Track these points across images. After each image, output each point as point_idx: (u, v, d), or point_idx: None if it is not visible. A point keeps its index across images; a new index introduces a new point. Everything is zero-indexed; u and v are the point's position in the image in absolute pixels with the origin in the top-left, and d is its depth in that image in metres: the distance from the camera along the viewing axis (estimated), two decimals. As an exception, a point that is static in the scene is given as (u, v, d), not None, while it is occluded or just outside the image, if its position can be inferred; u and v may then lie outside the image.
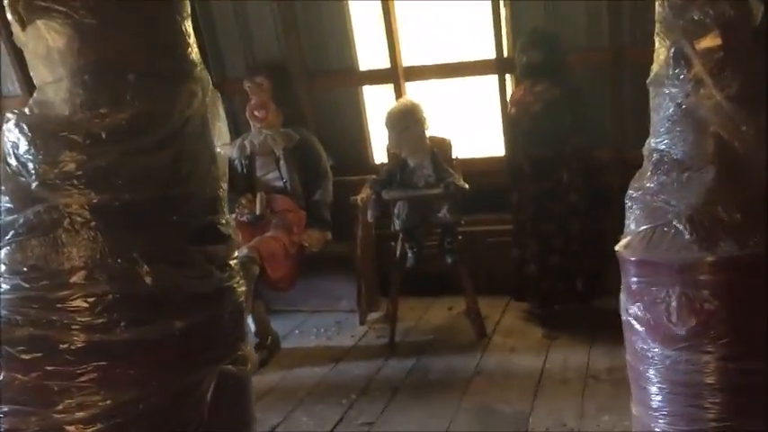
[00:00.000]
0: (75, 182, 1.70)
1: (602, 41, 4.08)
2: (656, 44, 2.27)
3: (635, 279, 2.19)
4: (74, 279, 1.68)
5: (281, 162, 4.28)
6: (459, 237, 3.93)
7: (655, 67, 2.26)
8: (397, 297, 3.94)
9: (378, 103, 4.63)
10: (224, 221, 1.96)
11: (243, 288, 2.02)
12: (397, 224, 3.80)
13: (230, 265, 1.93)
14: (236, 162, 4.32)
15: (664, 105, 2.20)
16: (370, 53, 4.57)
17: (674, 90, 2.17)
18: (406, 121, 3.80)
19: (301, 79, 4.52)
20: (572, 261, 3.90)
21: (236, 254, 1.99)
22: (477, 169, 4.42)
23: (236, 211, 4.11)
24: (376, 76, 4.54)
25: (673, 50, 2.17)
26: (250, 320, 3.83)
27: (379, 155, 4.53)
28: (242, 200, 4.13)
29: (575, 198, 3.84)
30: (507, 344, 3.74)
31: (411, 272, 3.91)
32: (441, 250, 3.85)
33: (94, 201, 1.70)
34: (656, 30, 2.26)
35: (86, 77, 1.74)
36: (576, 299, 3.94)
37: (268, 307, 4.45)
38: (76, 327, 1.67)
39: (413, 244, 3.81)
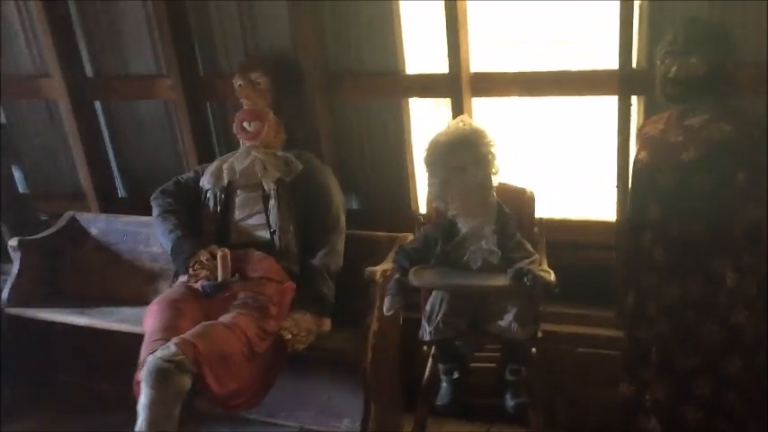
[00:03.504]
0: None
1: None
2: None
3: None
4: None
5: (272, 201, 2.82)
6: (532, 352, 2.36)
7: None
8: (421, 442, 2.39)
9: (429, 124, 3.12)
10: None
11: None
12: (426, 331, 2.25)
13: None
14: (209, 194, 2.90)
15: None
16: (422, 51, 3.07)
17: None
18: (461, 158, 2.27)
19: (317, 82, 3.05)
20: (725, 420, 2.26)
21: None
22: (571, 237, 2.89)
23: (190, 271, 2.67)
24: (429, 85, 3.01)
25: None
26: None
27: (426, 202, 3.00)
28: (201, 254, 2.69)
29: (742, 317, 2.20)
30: None
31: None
32: (499, 381, 2.27)
33: None
34: None
35: None
36: (728, 486, 2.29)
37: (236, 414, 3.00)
38: None
39: (451, 366, 2.25)
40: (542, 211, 2.70)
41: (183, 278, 2.72)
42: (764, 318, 2.24)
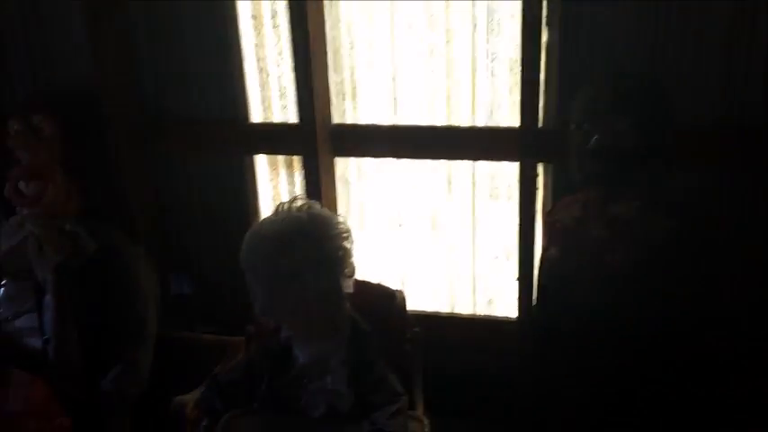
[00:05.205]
0: None
1: (753, 111, 1.89)
2: None
3: None
4: None
5: (47, 297, 2.00)
6: None
7: None
8: None
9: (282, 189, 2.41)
10: None
11: None
12: None
13: None
14: (-40, 284, 2.07)
15: None
16: (273, 95, 2.36)
17: None
18: (293, 261, 1.53)
19: (126, 130, 2.28)
20: None
21: None
22: (460, 337, 2.23)
23: None
24: (279, 138, 2.30)
25: None
26: None
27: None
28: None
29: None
30: None
31: None
32: None
33: None
34: None
35: None
36: None
37: None
38: None
39: None
40: (419, 305, 2.03)
41: None
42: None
